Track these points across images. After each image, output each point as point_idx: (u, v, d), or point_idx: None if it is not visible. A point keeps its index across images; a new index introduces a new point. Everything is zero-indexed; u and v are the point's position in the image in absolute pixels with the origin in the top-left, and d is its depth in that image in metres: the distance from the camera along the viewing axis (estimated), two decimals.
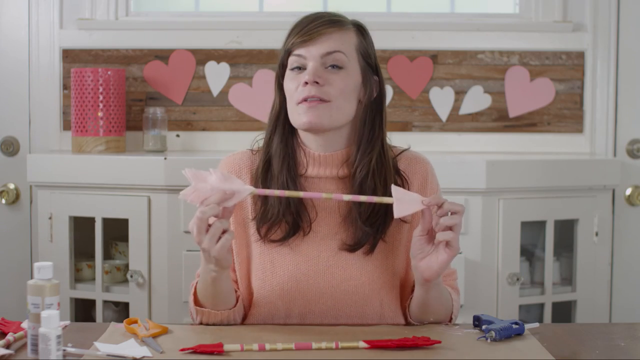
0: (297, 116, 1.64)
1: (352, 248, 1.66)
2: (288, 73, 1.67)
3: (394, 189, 1.52)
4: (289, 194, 1.54)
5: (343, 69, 1.64)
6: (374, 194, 1.65)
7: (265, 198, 1.66)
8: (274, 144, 1.69)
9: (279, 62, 1.69)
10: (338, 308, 1.67)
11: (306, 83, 1.62)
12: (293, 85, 1.65)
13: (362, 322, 1.68)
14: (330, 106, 1.63)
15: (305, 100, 1.62)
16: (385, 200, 1.53)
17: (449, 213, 1.51)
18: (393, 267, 1.69)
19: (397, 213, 1.51)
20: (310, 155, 1.69)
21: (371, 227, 1.65)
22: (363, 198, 1.54)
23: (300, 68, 1.65)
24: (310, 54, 1.63)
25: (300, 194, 1.54)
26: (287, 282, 1.66)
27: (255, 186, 1.68)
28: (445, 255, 1.53)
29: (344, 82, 1.64)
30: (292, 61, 1.66)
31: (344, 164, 1.69)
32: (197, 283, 1.67)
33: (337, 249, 1.67)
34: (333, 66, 1.63)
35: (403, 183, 1.71)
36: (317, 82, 1.61)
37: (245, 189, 1.51)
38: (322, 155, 1.69)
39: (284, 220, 1.65)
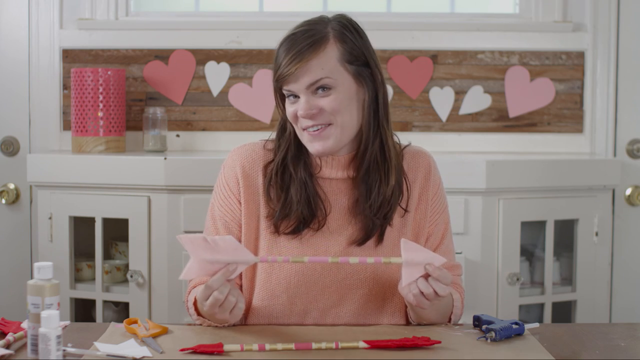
0: (306, 143, 1.68)
1: (360, 242, 1.68)
2: (286, 99, 1.68)
3: (404, 243, 1.52)
4: (294, 259, 1.52)
5: (333, 89, 1.64)
6: (379, 188, 1.67)
7: (285, 194, 1.68)
8: (289, 152, 1.70)
9: (274, 82, 1.68)
10: (341, 304, 1.69)
11: (302, 116, 1.64)
12: (289, 111, 1.67)
13: (364, 319, 1.70)
14: (334, 128, 1.65)
15: (307, 129, 1.65)
16: (394, 260, 1.53)
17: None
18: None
19: (405, 280, 1.52)
20: (322, 157, 1.71)
21: (381, 218, 1.68)
22: (370, 260, 1.53)
23: (295, 95, 1.66)
24: (296, 87, 1.64)
25: (305, 259, 1.52)
26: (294, 275, 1.68)
27: (269, 186, 1.70)
28: (410, 299, 1.56)
29: (337, 101, 1.64)
30: (285, 91, 1.67)
31: (351, 166, 1.71)
32: (196, 292, 1.67)
33: (346, 244, 1.69)
34: (323, 89, 1.63)
35: (406, 185, 1.72)
36: (312, 114, 1.63)
37: (249, 259, 1.50)
38: (334, 158, 1.71)
39: (301, 214, 1.67)
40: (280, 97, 1.70)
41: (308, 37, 1.63)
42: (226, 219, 1.73)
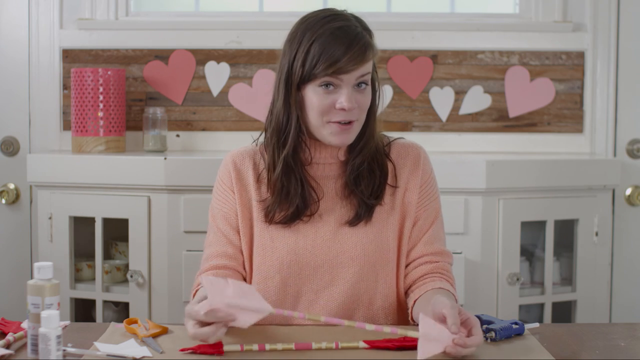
0: (328, 135, 1.69)
1: (352, 223, 1.72)
2: (315, 88, 1.66)
3: (422, 319, 1.42)
4: (310, 316, 1.48)
5: (367, 86, 1.70)
6: (372, 176, 1.72)
7: (281, 186, 1.71)
8: (291, 147, 1.71)
9: (295, 76, 1.66)
10: (333, 284, 1.71)
11: (342, 109, 1.65)
12: (322, 102, 1.66)
13: (357, 299, 1.72)
14: (357, 124, 1.70)
15: (338, 122, 1.67)
16: (410, 334, 1.45)
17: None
18: (387, 241, 1.73)
19: (421, 354, 1.39)
20: (312, 144, 1.74)
21: (373, 200, 1.72)
22: (387, 329, 1.47)
23: (331, 84, 1.66)
24: (348, 78, 1.65)
25: (321, 318, 1.47)
26: (286, 255, 1.71)
27: (267, 180, 1.73)
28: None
29: (367, 98, 1.70)
30: (324, 81, 1.65)
31: (341, 150, 1.76)
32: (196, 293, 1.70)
33: (336, 226, 1.72)
34: (359, 84, 1.67)
35: (394, 168, 1.76)
36: (352, 108, 1.67)
37: (263, 309, 1.44)
38: (325, 146, 1.74)
39: (296, 208, 1.71)
40: (292, 89, 1.67)
41: (363, 37, 1.66)
42: (225, 211, 1.76)
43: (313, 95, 1.66)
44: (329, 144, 1.70)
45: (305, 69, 1.65)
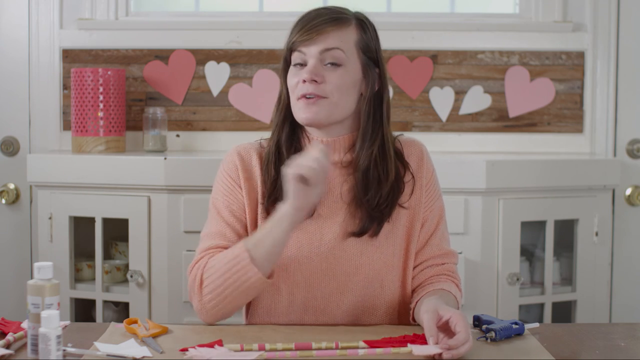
0: (297, 111, 1.70)
1: (357, 234, 1.70)
2: (291, 69, 1.71)
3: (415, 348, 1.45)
4: (301, 354, 1.46)
5: (342, 66, 1.67)
6: (378, 182, 1.70)
7: (275, 179, 1.70)
8: (284, 133, 1.74)
9: (283, 56, 1.73)
10: (340, 291, 1.71)
11: (305, 80, 1.66)
12: (294, 81, 1.70)
13: (363, 305, 1.71)
14: (328, 102, 1.67)
15: (304, 96, 1.67)
16: (402, 350, 1.46)
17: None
18: (393, 247, 1.73)
19: (417, 351, 1.43)
20: (314, 142, 1.73)
21: (379, 214, 1.69)
22: (379, 351, 1.46)
23: (302, 64, 1.69)
24: (309, 51, 1.67)
25: (313, 353, 1.45)
26: (291, 264, 1.70)
27: (267, 165, 1.72)
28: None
29: (342, 78, 1.67)
30: (294, 57, 1.70)
31: (347, 151, 1.74)
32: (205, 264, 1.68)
33: (342, 234, 1.70)
34: (332, 63, 1.67)
35: (405, 170, 1.75)
36: (315, 80, 1.66)
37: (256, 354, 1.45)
38: (325, 141, 1.73)
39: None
40: (285, 72, 1.73)
41: (333, 13, 1.69)
42: (233, 208, 1.73)
43: (290, 77, 1.71)
44: (303, 123, 1.70)
45: (285, 48, 1.72)
